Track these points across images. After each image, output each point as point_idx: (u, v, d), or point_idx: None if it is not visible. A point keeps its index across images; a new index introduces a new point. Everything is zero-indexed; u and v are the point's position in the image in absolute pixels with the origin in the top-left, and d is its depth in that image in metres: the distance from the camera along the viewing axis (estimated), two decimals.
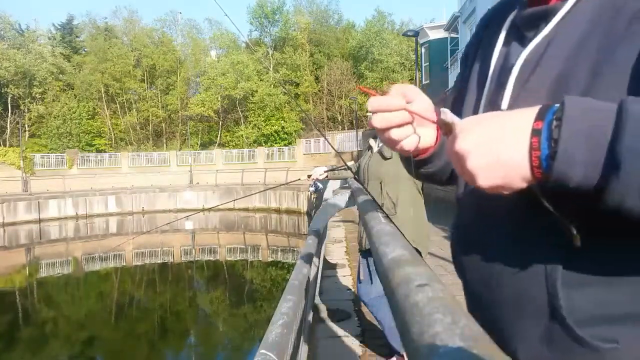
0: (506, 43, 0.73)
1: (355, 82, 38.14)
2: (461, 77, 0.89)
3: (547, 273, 0.61)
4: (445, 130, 0.62)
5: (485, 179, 0.52)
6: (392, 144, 0.70)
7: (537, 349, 0.64)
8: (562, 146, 0.46)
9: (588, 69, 0.58)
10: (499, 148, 0.50)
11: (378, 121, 0.67)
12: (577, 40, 0.61)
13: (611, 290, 0.57)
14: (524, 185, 0.52)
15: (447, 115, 0.62)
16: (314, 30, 43.59)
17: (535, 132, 0.48)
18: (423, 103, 0.67)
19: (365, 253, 3.10)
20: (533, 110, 0.50)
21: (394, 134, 0.68)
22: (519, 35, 0.71)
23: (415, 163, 0.79)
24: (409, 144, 0.69)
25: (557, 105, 0.49)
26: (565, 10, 0.64)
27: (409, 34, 19.10)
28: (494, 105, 0.69)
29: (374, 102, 0.66)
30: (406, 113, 0.66)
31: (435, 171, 0.83)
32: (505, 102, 0.67)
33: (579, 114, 0.47)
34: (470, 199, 0.76)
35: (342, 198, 2.92)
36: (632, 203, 0.45)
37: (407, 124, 0.67)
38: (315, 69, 41.91)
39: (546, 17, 0.66)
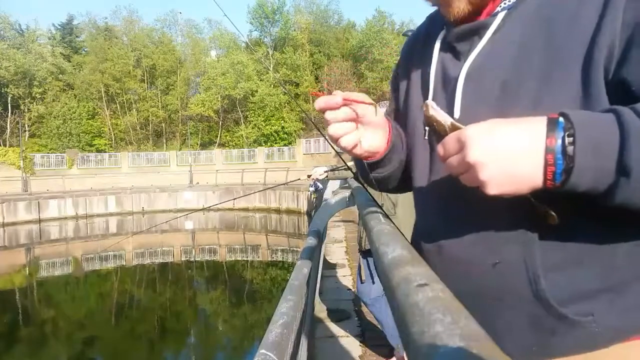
0: (441, 58, 0.79)
1: (355, 82, 38.13)
2: (395, 102, 0.95)
3: (526, 260, 0.65)
4: (438, 128, 0.64)
5: (497, 188, 0.56)
6: (334, 140, 0.74)
7: (523, 336, 0.68)
8: (578, 163, 0.52)
9: (535, 79, 0.64)
10: (514, 163, 0.55)
11: (328, 116, 0.71)
12: (514, 51, 0.67)
13: (582, 269, 0.63)
14: (530, 191, 0.57)
15: (438, 112, 0.64)
16: (314, 30, 43.57)
17: (550, 150, 0.53)
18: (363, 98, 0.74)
19: (365, 253, 3.10)
20: (541, 124, 0.54)
21: (337, 128, 0.72)
22: (453, 51, 0.76)
23: (366, 165, 0.84)
24: (348, 141, 0.73)
25: (562, 119, 0.53)
26: (497, 24, 0.69)
27: (409, 34, 19.02)
28: (448, 112, 0.72)
29: (319, 102, 0.71)
30: (348, 110, 0.71)
31: (386, 176, 0.88)
32: (457, 110, 0.73)
33: (588, 132, 0.52)
34: (436, 196, 0.79)
35: (342, 197, 2.92)
36: (636, 201, 0.53)
37: (350, 120, 0.72)
38: (315, 69, 41.88)
39: (478, 31, 0.71)
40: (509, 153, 0.54)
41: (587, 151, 0.51)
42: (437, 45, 0.80)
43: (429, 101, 0.66)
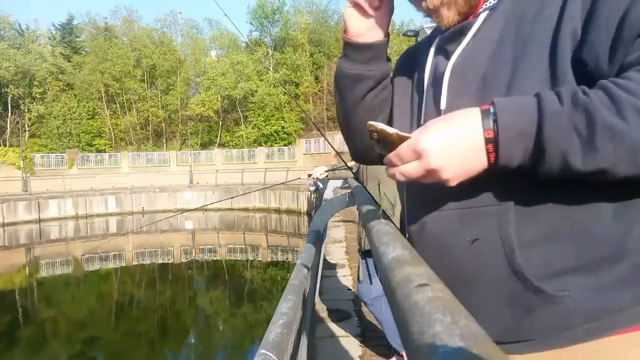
0: (435, 60, 0.86)
1: None
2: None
3: (502, 235, 0.68)
4: (386, 138, 0.67)
5: (456, 181, 0.65)
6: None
7: (499, 315, 0.70)
8: (502, 147, 0.61)
9: (508, 68, 0.70)
10: (466, 161, 0.63)
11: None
12: (492, 48, 0.74)
13: (556, 246, 0.66)
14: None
15: (384, 126, 0.67)
16: (314, 30, 43.53)
17: (489, 140, 0.62)
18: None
19: (365, 253, 3.10)
20: (477, 117, 0.62)
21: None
22: (444, 52, 0.84)
23: (347, 43, 0.89)
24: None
25: (492, 109, 0.61)
26: (478, 25, 0.77)
27: (409, 34, 19.06)
28: (435, 105, 0.82)
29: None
30: None
31: (358, 75, 0.90)
32: (443, 102, 0.79)
33: (510, 119, 0.60)
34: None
35: (342, 197, 2.92)
36: (554, 173, 0.60)
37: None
38: (315, 69, 41.84)
39: (463, 32, 0.78)
40: (460, 153, 0.63)
41: (511, 137, 0.60)
42: (433, 49, 0.87)
43: (372, 122, 0.69)
